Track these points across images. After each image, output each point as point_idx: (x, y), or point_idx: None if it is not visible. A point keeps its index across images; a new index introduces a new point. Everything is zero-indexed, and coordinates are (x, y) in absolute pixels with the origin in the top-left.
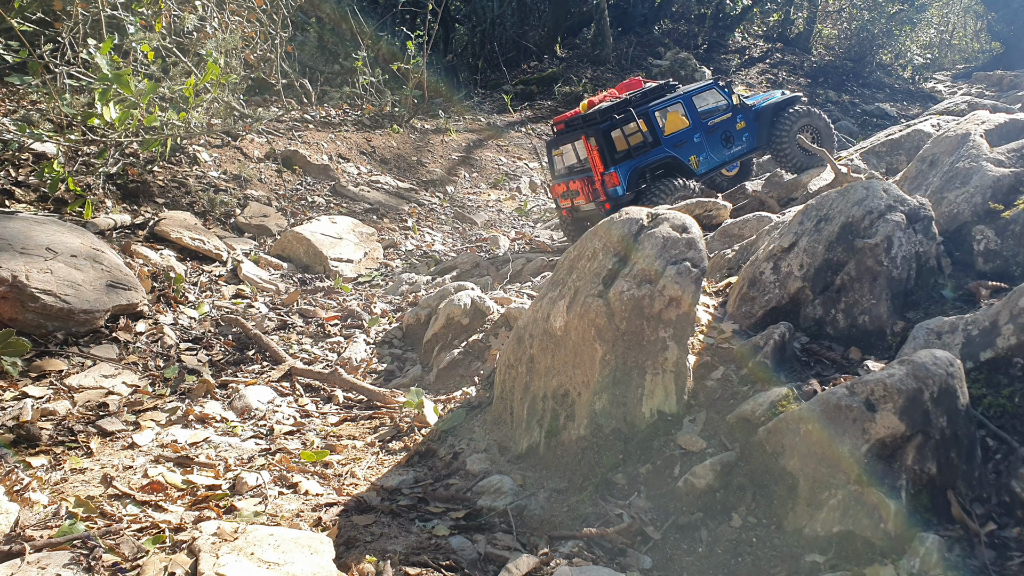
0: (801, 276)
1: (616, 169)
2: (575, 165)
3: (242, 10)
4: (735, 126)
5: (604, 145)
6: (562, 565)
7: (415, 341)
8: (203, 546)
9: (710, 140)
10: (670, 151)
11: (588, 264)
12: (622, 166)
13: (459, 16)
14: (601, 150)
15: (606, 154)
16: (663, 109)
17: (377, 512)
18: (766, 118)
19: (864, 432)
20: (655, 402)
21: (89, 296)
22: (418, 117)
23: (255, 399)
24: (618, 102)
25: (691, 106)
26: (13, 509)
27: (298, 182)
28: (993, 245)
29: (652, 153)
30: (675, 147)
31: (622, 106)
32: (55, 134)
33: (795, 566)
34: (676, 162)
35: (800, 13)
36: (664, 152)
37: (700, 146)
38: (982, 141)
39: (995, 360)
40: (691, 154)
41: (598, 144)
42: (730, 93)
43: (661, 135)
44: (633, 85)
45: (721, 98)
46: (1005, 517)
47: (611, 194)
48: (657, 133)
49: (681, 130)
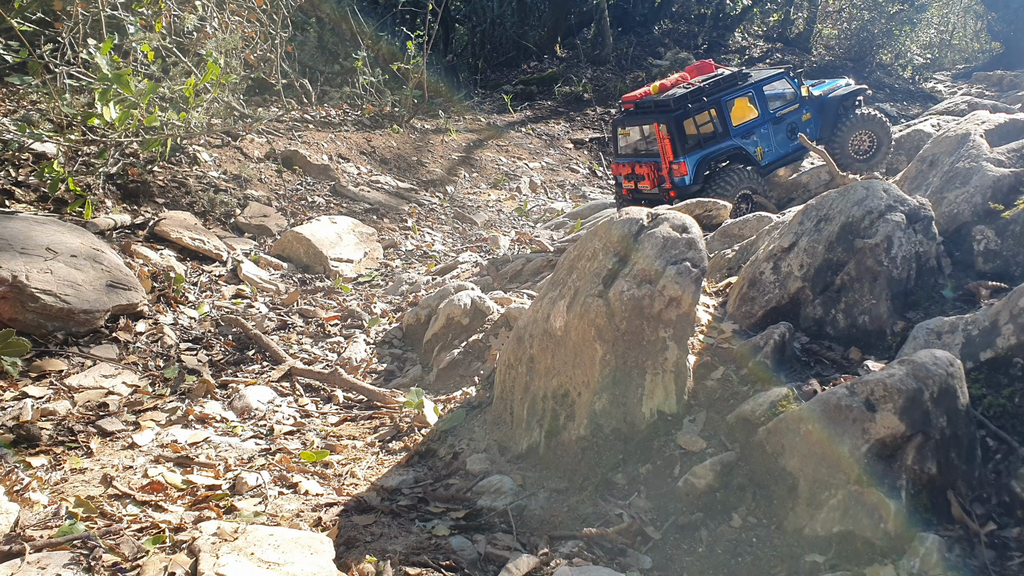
0: (801, 276)
1: (685, 159)
2: (641, 148)
3: (242, 10)
4: (801, 117)
5: (676, 134)
6: (562, 565)
7: (415, 341)
8: (203, 546)
9: (776, 131)
10: (737, 142)
11: (588, 264)
12: (691, 156)
13: (459, 16)
14: (672, 139)
15: (677, 143)
16: (733, 99)
17: (377, 512)
18: (831, 110)
19: (864, 432)
20: (655, 402)
21: (89, 296)
22: (418, 117)
23: (255, 399)
24: (692, 90)
25: (761, 96)
26: (13, 509)
27: (298, 182)
28: (993, 245)
29: (720, 143)
30: (742, 137)
31: (696, 95)
32: (55, 134)
33: (795, 566)
34: (742, 153)
35: (800, 13)
36: (731, 143)
37: (767, 137)
38: (982, 141)
39: (995, 360)
40: (757, 145)
41: (669, 132)
42: (799, 84)
43: (730, 125)
44: (705, 69)
45: (790, 88)
46: (1005, 517)
47: (678, 183)
48: (727, 123)
49: (749, 120)
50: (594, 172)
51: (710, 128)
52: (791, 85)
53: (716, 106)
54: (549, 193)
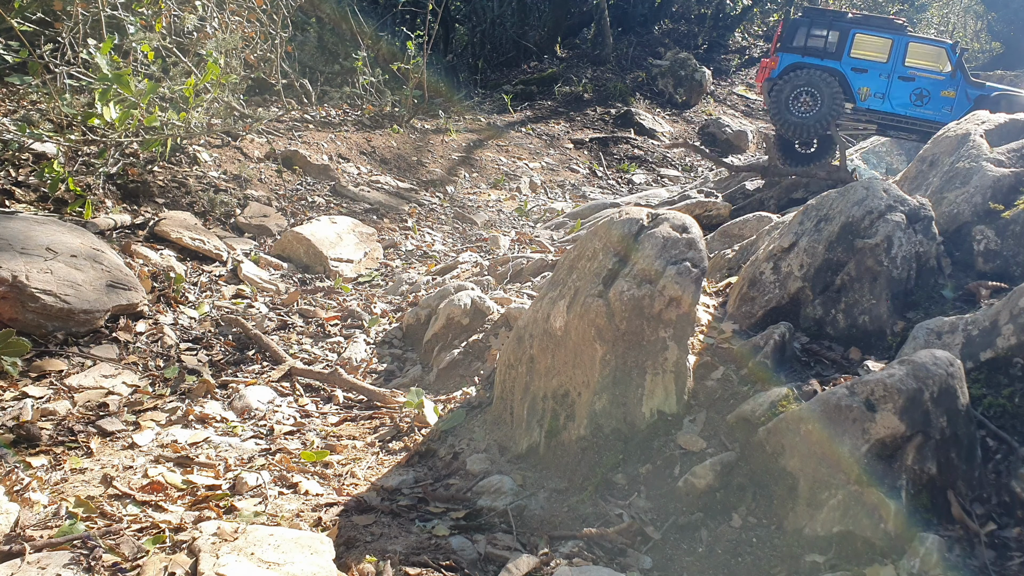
0: (801, 276)
1: (781, 56)
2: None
3: (242, 10)
4: (940, 91)
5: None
6: (562, 565)
7: (415, 341)
8: (203, 546)
9: (896, 86)
10: (844, 69)
11: (588, 264)
12: (786, 55)
13: (459, 16)
14: (783, 35)
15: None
16: (866, 35)
17: (377, 512)
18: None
19: (864, 432)
20: (655, 402)
21: (89, 296)
22: (418, 117)
23: (255, 399)
24: (828, 10)
25: (901, 49)
26: (13, 509)
27: (298, 182)
28: (993, 245)
29: (824, 61)
30: (853, 70)
31: (827, 13)
32: (55, 134)
33: (795, 566)
34: (842, 79)
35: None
36: (836, 65)
37: (881, 85)
38: (982, 141)
39: (995, 360)
40: (864, 84)
41: (785, 29)
42: (961, 64)
43: (847, 53)
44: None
45: (946, 61)
46: (1005, 517)
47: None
48: (843, 49)
49: (872, 60)
50: (594, 172)
51: (819, 43)
52: (949, 60)
53: (839, 30)
54: (549, 193)
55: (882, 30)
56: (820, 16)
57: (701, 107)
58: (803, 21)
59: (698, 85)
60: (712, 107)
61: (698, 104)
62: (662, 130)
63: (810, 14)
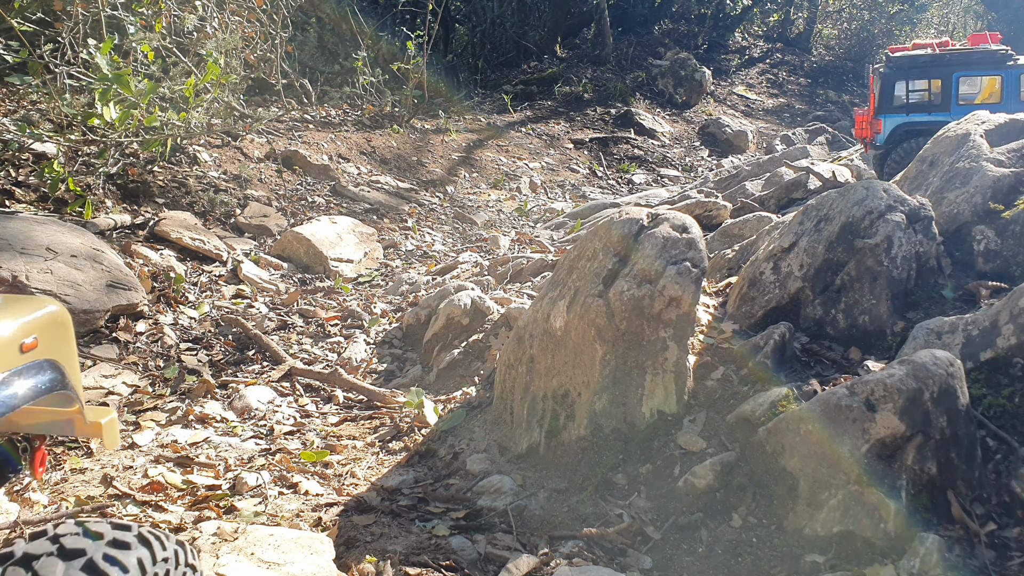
0: (801, 276)
1: (884, 118)
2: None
3: (242, 10)
4: None
5: (884, 91)
6: (562, 565)
7: (415, 341)
8: (203, 546)
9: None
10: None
11: (588, 264)
12: (890, 117)
13: (459, 16)
14: (880, 94)
15: (882, 100)
16: (971, 76)
17: (377, 512)
18: None
19: (864, 432)
20: (655, 402)
21: (89, 296)
22: (418, 117)
23: (255, 399)
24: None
25: (1014, 83)
26: (13, 509)
27: (298, 182)
28: (993, 245)
29: (932, 115)
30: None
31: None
32: (55, 134)
33: (795, 566)
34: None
35: (800, 13)
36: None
37: None
38: (982, 141)
39: (995, 360)
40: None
41: (880, 86)
42: None
43: (954, 101)
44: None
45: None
46: (1005, 517)
47: (876, 140)
48: (949, 98)
49: (986, 104)
50: (594, 172)
51: (924, 97)
52: None
53: (942, 78)
54: (549, 193)
55: (985, 67)
56: (912, 64)
57: (701, 107)
58: (897, 75)
59: (698, 85)
60: (712, 107)
61: (698, 104)
62: (662, 130)
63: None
